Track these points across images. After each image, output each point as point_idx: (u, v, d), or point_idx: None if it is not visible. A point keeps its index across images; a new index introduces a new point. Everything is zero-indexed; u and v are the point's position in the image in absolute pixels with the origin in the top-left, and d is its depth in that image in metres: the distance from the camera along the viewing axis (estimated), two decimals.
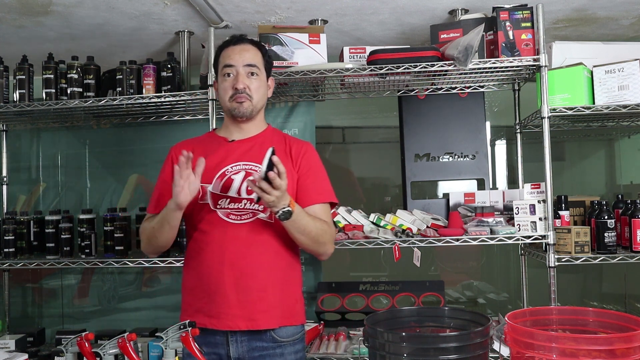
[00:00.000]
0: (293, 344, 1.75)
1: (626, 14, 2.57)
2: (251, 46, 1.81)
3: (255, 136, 1.83)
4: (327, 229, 1.74)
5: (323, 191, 1.80)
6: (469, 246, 2.32)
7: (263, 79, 1.81)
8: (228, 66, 1.77)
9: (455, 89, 2.61)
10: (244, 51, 1.78)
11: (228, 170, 1.75)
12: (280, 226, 1.70)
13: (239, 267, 1.68)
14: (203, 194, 1.73)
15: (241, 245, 1.69)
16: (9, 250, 2.60)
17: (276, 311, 1.71)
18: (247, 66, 1.76)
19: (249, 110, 1.77)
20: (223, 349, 1.71)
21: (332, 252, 1.79)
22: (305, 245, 1.72)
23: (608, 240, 2.23)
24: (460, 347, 1.24)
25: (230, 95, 1.76)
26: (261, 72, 1.80)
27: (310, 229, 1.68)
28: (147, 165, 3.20)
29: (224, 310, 1.68)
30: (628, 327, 1.26)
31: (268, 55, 1.86)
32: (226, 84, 1.77)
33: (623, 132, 3.08)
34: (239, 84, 1.74)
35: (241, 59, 1.76)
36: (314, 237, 1.69)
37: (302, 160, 1.80)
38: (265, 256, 1.71)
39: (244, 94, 1.75)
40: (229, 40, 1.83)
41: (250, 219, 1.72)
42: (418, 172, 2.62)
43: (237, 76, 1.76)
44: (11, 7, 2.31)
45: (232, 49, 1.79)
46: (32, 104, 2.53)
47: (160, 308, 3.14)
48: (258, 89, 1.78)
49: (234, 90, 1.75)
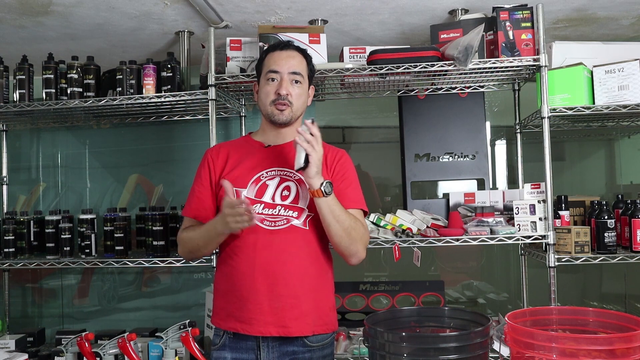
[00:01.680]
0: (322, 349, 1.74)
1: (626, 14, 2.57)
2: (297, 53, 1.80)
3: (290, 142, 1.80)
4: (360, 227, 1.72)
5: (356, 199, 1.80)
6: (469, 246, 2.32)
7: (305, 87, 1.80)
8: (273, 72, 1.76)
9: (455, 89, 2.61)
10: (290, 58, 1.77)
11: (263, 176, 1.75)
12: (313, 233, 1.71)
13: (272, 274, 1.67)
14: (237, 198, 1.72)
15: (274, 251, 1.68)
16: (9, 250, 2.61)
17: (309, 318, 1.70)
18: (292, 74, 1.75)
19: (288, 117, 1.77)
20: (253, 353, 1.71)
21: (363, 256, 1.75)
22: (337, 238, 1.67)
23: (608, 240, 2.23)
24: (460, 347, 1.24)
25: (271, 100, 1.75)
26: (304, 81, 1.79)
27: (344, 217, 1.66)
28: (147, 165, 3.20)
29: (255, 316, 1.67)
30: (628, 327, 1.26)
31: (312, 64, 1.86)
32: (269, 88, 1.76)
33: (623, 132, 3.08)
34: (282, 89, 1.73)
35: (287, 65, 1.75)
36: (347, 227, 1.66)
37: (336, 167, 1.79)
38: (298, 263, 1.69)
39: (285, 100, 1.74)
40: (275, 44, 1.83)
41: (284, 225, 1.70)
42: (418, 172, 2.62)
43: (281, 82, 1.75)
44: (11, 7, 2.31)
45: (278, 54, 1.78)
46: (32, 104, 2.53)
47: (160, 308, 3.14)
48: (300, 96, 1.77)
49: (276, 95, 1.75)
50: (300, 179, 1.72)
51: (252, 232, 1.70)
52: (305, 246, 1.71)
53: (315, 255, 1.74)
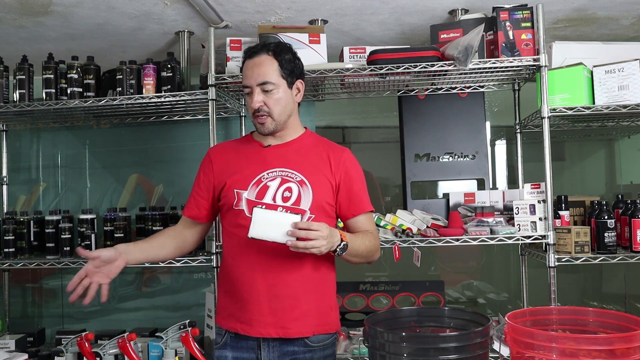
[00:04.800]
0: (323, 349, 1.74)
1: (626, 14, 2.57)
2: (265, 57, 1.72)
3: (291, 141, 1.80)
4: (373, 241, 1.77)
5: (365, 201, 1.81)
6: (469, 246, 2.32)
7: (282, 89, 1.73)
8: (245, 86, 1.75)
9: (455, 89, 2.61)
10: (256, 67, 1.72)
11: (264, 177, 1.74)
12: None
13: (272, 275, 1.68)
14: (238, 200, 1.72)
15: (275, 252, 1.67)
16: (9, 250, 2.60)
17: (310, 319, 1.70)
18: (261, 84, 1.72)
19: (271, 127, 1.75)
20: (254, 353, 1.71)
21: (379, 256, 1.83)
22: (359, 263, 1.76)
23: (608, 240, 2.23)
24: (460, 347, 1.24)
25: (252, 113, 1.75)
26: (277, 85, 1.72)
27: (361, 250, 1.71)
28: (147, 165, 3.20)
29: (255, 317, 1.68)
30: (628, 327, 1.26)
31: (288, 60, 1.75)
32: (248, 100, 1.76)
33: (623, 132, 3.08)
34: (254, 103, 1.72)
35: (253, 77, 1.72)
36: (366, 255, 1.74)
37: (342, 170, 1.78)
38: (298, 264, 1.70)
39: (261, 111, 1.72)
40: (245, 51, 1.79)
41: None
42: (418, 172, 2.62)
43: (251, 95, 1.73)
44: (11, 7, 2.31)
45: (246, 64, 1.75)
46: (32, 104, 2.52)
47: (160, 308, 3.14)
48: (277, 102, 1.73)
49: (252, 109, 1.74)
50: (302, 180, 1.72)
51: None
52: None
53: (317, 256, 1.72)
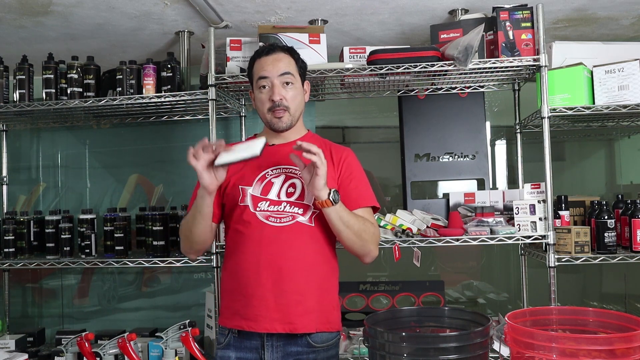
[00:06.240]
0: (327, 350, 1.73)
1: (626, 14, 2.57)
2: (284, 54, 1.78)
3: (294, 141, 1.79)
4: (370, 227, 1.73)
5: (366, 195, 1.80)
6: (469, 246, 2.32)
7: (298, 86, 1.79)
8: (262, 78, 1.75)
9: (455, 89, 2.61)
10: (277, 61, 1.75)
11: (268, 174, 1.76)
12: (319, 230, 1.72)
13: (277, 270, 1.67)
14: (243, 196, 1.74)
15: (280, 247, 1.68)
16: (9, 250, 2.61)
17: (314, 316, 1.69)
18: (282, 75, 1.74)
19: (287, 123, 1.77)
20: (257, 353, 1.70)
21: (376, 254, 1.77)
22: (349, 242, 1.70)
23: (608, 240, 2.23)
24: (460, 347, 1.24)
25: (268, 108, 1.75)
26: (296, 80, 1.77)
27: (353, 222, 1.67)
28: (147, 165, 3.20)
29: (261, 312, 1.67)
30: (628, 327, 1.26)
31: (301, 60, 1.83)
32: (262, 96, 1.76)
33: (623, 132, 3.08)
34: (275, 95, 1.73)
35: (275, 69, 1.74)
36: (357, 231, 1.68)
37: (343, 165, 1.79)
38: (303, 259, 1.69)
39: (281, 106, 1.74)
40: (260, 50, 1.81)
41: (289, 222, 1.70)
42: (418, 172, 2.62)
43: (272, 88, 1.74)
44: (11, 7, 2.31)
45: (264, 59, 1.77)
46: (32, 104, 2.53)
47: (160, 308, 3.14)
48: (294, 97, 1.77)
49: (271, 102, 1.74)
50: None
51: (258, 229, 1.70)
52: (311, 242, 1.72)
53: (321, 252, 1.74)
